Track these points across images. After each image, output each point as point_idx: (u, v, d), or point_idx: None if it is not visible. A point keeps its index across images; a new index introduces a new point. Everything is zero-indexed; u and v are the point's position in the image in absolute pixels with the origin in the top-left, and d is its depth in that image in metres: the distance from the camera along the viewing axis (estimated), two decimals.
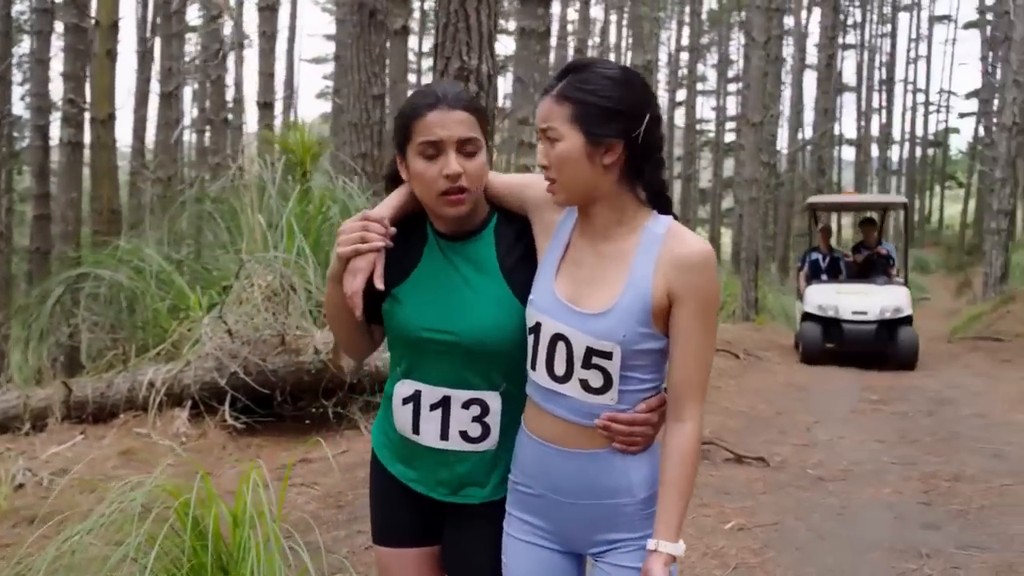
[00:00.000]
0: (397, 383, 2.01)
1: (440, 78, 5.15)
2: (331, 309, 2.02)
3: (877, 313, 10.95)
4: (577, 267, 1.86)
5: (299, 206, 7.44)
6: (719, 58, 43.22)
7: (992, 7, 29.60)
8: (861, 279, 11.86)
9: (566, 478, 1.86)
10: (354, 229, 1.88)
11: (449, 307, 1.94)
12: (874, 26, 44.12)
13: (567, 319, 1.81)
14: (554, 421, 1.85)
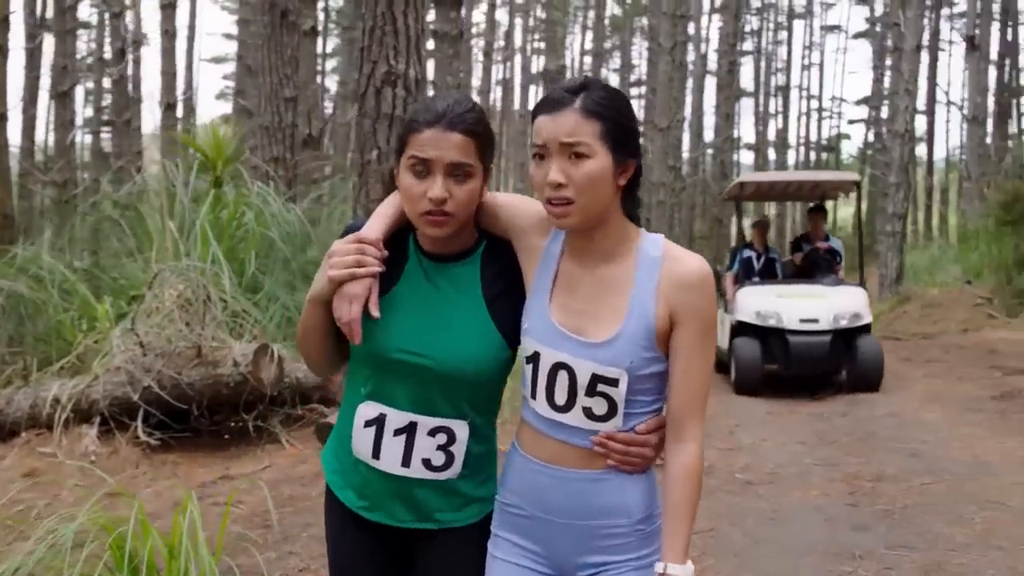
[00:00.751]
0: (360, 404, 1.90)
1: (366, 83, 5.05)
2: (306, 330, 1.93)
3: (831, 321, 8.63)
4: (572, 293, 1.81)
5: (212, 212, 7.19)
6: (622, 63, 43.93)
7: (881, 19, 30.82)
8: (804, 280, 9.71)
9: (561, 498, 1.82)
10: (348, 252, 1.80)
11: (427, 330, 1.86)
12: (770, 34, 45.44)
13: (569, 348, 1.77)
14: (553, 444, 1.82)
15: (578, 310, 1.79)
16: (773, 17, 45.46)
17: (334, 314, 1.82)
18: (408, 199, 1.82)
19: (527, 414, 1.86)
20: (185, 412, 5.95)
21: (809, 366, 8.66)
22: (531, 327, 1.81)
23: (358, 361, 1.92)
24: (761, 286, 9.44)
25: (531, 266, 1.86)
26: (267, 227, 7.25)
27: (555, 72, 11.10)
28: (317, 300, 1.86)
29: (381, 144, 5.01)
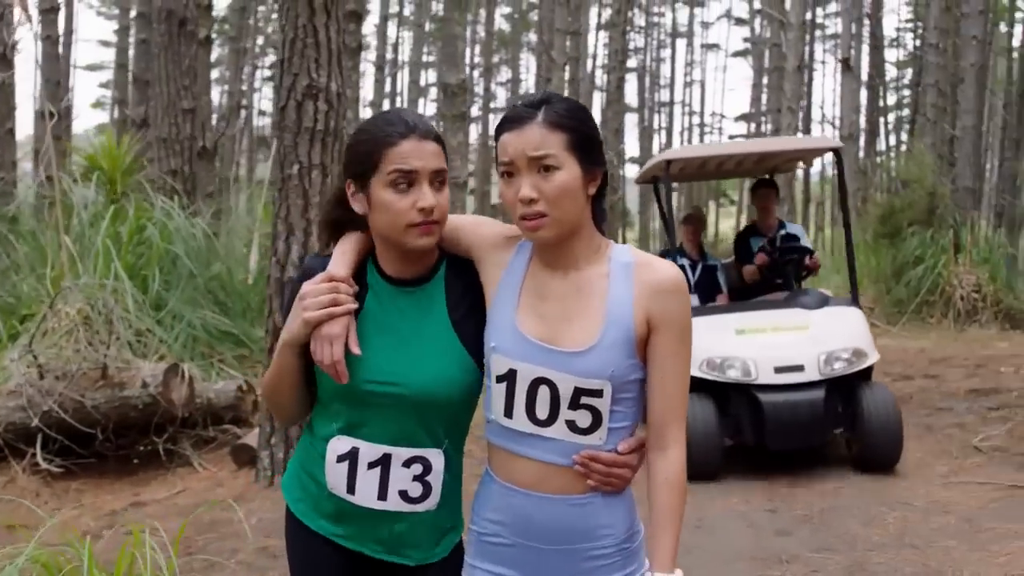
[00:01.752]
0: (331, 439, 1.86)
1: (286, 96, 4.95)
2: (278, 379, 1.88)
3: (821, 365, 5.55)
4: (542, 302, 1.78)
5: (112, 227, 6.90)
6: (511, 77, 44.33)
7: (759, 39, 32.06)
8: (764, 293, 6.70)
9: (546, 524, 1.77)
10: (321, 292, 1.77)
11: (396, 358, 1.82)
12: (654, 51, 46.64)
13: (547, 361, 1.73)
14: (529, 465, 1.77)
15: (548, 316, 1.77)
16: (656, 35, 46.67)
17: (314, 357, 1.78)
18: (390, 215, 1.77)
19: (496, 437, 1.81)
20: (89, 436, 5.69)
21: (793, 437, 5.51)
22: (500, 344, 1.76)
23: (328, 399, 1.88)
24: (709, 316, 5.96)
25: (495, 279, 1.83)
26: (170, 242, 7.01)
27: (456, 86, 11.09)
28: (292, 345, 1.81)
29: (302, 158, 4.91)
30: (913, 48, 34.50)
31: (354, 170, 1.82)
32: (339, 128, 5.01)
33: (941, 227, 13.90)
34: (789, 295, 6.35)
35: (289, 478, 2.00)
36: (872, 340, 5.93)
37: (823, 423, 5.56)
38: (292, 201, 4.94)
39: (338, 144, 5.01)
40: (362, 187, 1.80)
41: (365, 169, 1.79)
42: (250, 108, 30.28)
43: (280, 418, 2.00)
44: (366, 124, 1.87)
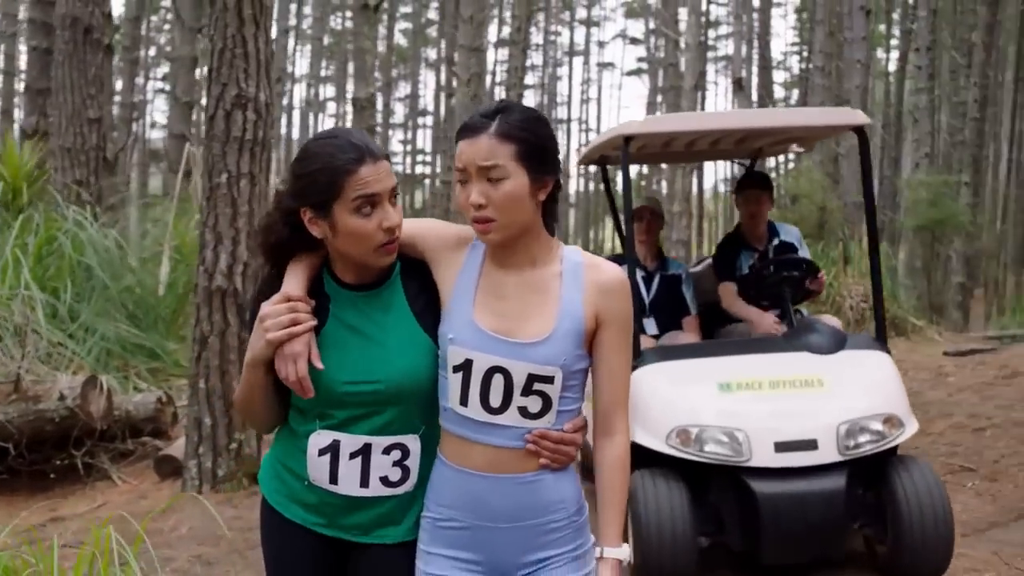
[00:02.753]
0: (312, 434, 1.93)
1: (215, 105, 4.97)
2: (250, 394, 1.96)
3: (840, 439, 3.88)
4: (497, 299, 1.90)
5: (19, 237, 6.72)
6: (409, 92, 44.37)
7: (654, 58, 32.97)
8: (765, 340, 4.69)
9: (501, 504, 1.89)
10: (280, 312, 1.85)
11: (368, 357, 1.90)
12: (551, 69, 47.40)
13: (502, 351, 1.85)
14: (484, 450, 1.88)
15: (505, 313, 1.88)
16: (553, 53, 47.44)
17: (279, 375, 1.86)
18: (358, 239, 1.84)
19: (451, 424, 1.90)
20: (1, 451, 5.54)
21: (800, 544, 3.87)
22: (457, 336, 1.86)
23: (305, 401, 1.92)
24: (676, 361, 4.32)
25: (451, 277, 1.93)
26: (82, 253, 6.86)
27: (365, 100, 11.15)
28: (257, 363, 1.89)
29: (231, 167, 4.92)
30: (799, 70, 36.04)
31: (313, 199, 1.84)
32: (267, 138, 5.05)
33: (830, 241, 14.59)
34: (791, 331, 4.54)
35: (266, 473, 2.06)
36: (907, 400, 4.20)
37: (843, 523, 3.86)
38: (220, 210, 4.95)
39: (265, 154, 5.05)
40: (323, 214, 1.84)
41: (326, 198, 1.82)
42: (142, 120, 29.48)
43: (257, 428, 2.14)
44: (315, 149, 1.87)
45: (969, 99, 17.37)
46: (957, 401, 7.09)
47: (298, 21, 36.57)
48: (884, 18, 28.48)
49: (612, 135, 4.81)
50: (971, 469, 5.52)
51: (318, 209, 1.84)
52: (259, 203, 5.03)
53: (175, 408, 6.13)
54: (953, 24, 23.27)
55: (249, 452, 5.11)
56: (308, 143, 1.91)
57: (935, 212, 15.74)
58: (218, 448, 5.03)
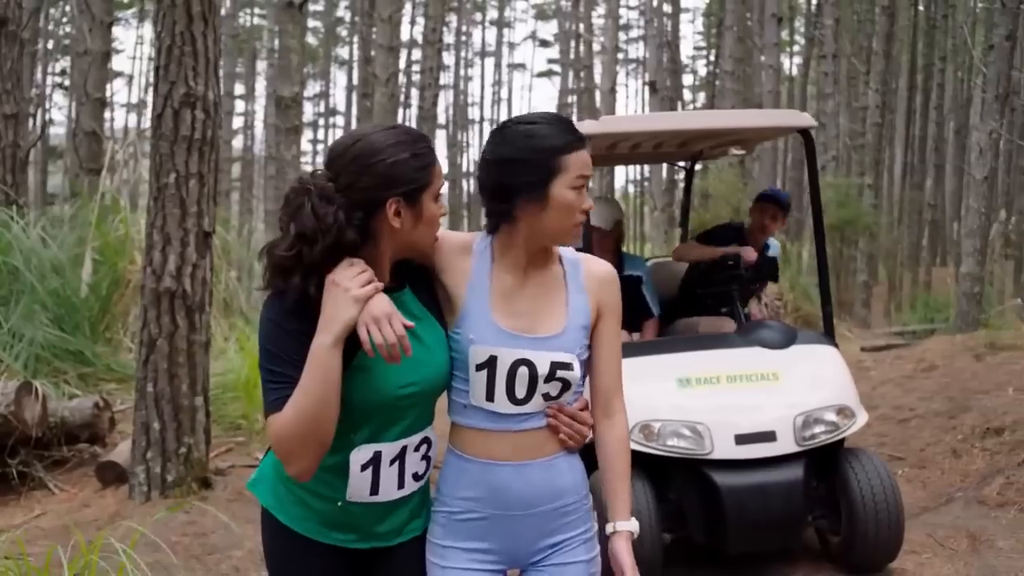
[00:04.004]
0: (353, 451, 1.89)
1: (163, 103, 4.87)
2: (325, 392, 1.75)
3: (796, 430, 4.07)
4: (510, 301, 2.00)
5: None
6: (320, 91, 43.81)
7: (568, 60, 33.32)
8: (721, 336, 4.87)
9: (523, 490, 1.98)
10: (356, 271, 1.79)
11: (409, 359, 1.85)
12: (463, 70, 47.42)
13: (524, 344, 1.96)
14: (509, 438, 1.97)
15: (521, 313, 1.99)
16: (465, 54, 47.48)
17: (374, 341, 1.75)
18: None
19: (473, 420, 1.98)
20: None
21: (763, 533, 4.01)
22: (478, 336, 1.95)
23: (349, 414, 1.84)
24: (637, 358, 4.12)
25: (462, 283, 2.00)
26: (7, 253, 6.61)
27: (290, 99, 11.00)
28: (341, 338, 1.76)
29: (179, 167, 4.83)
30: (705, 74, 36.95)
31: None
32: (215, 137, 4.97)
33: None
34: (743, 328, 4.70)
35: (279, 500, 1.99)
36: (857, 392, 4.39)
37: (802, 513, 4.02)
38: (169, 211, 4.85)
39: (214, 154, 4.97)
40: (413, 201, 1.87)
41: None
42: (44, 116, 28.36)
43: (317, 447, 1.78)
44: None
45: (871, 104, 18.07)
46: (881, 394, 7.43)
47: None
48: (787, 25, 29.42)
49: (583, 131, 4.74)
50: (900, 458, 5.83)
51: (414, 195, 1.85)
52: (208, 203, 4.96)
53: (112, 413, 5.96)
54: (852, 32, 24.20)
55: (198, 456, 5.02)
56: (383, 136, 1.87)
57: (844, 213, 16.35)
58: (167, 453, 4.93)
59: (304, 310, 1.79)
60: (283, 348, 1.80)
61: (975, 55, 21.21)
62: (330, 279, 1.78)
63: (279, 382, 1.79)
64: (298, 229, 1.77)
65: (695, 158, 6.29)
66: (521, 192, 1.94)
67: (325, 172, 1.85)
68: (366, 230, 1.83)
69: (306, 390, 1.75)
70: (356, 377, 1.83)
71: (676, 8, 27.56)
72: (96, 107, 12.85)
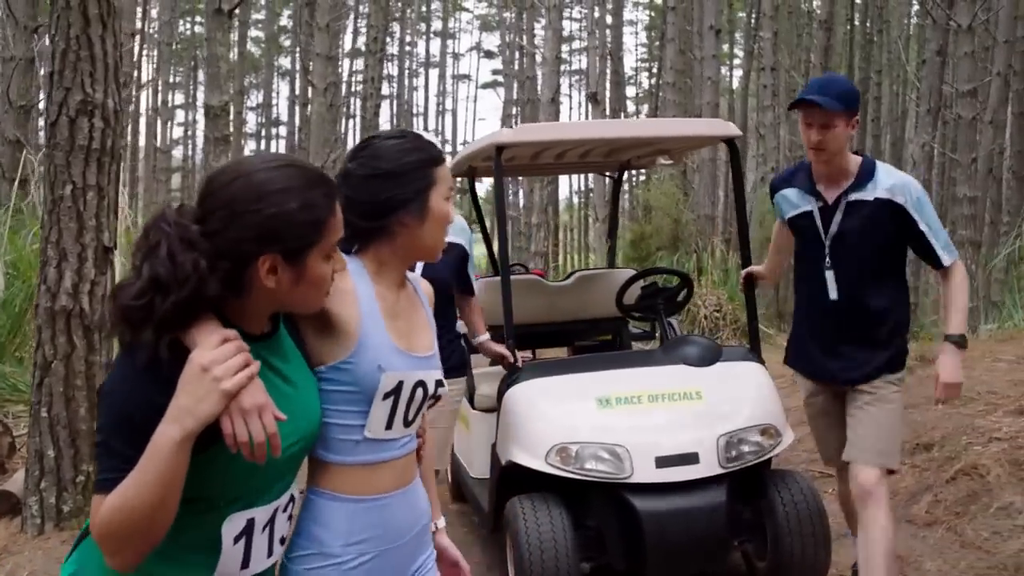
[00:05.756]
0: (224, 523, 1.61)
1: (57, 111, 4.60)
2: (165, 488, 1.44)
3: (720, 451, 3.86)
4: (394, 320, 1.91)
5: None
6: (262, 101, 43.28)
7: (511, 71, 33.29)
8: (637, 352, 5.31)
9: (404, 517, 1.91)
10: (228, 354, 1.48)
11: (290, 412, 1.62)
12: (407, 80, 47.21)
13: (418, 365, 1.90)
14: (393, 467, 1.88)
15: (404, 331, 1.92)
16: (409, 64, 47.29)
17: (234, 440, 1.48)
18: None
19: (366, 455, 1.82)
20: None
21: (685, 559, 3.80)
22: (386, 363, 1.81)
23: (216, 486, 1.59)
24: (552, 377, 4.22)
25: (351, 309, 1.83)
26: None
27: (219, 108, 10.71)
28: (193, 436, 1.45)
29: (76, 178, 4.57)
30: (648, 86, 37.21)
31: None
32: (116, 147, 4.71)
33: (685, 251, 15.05)
34: (666, 344, 4.56)
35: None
36: (783, 410, 4.18)
37: (725, 537, 3.80)
38: (65, 224, 4.58)
39: (115, 164, 4.71)
40: (297, 260, 1.61)
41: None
42: None
43: (142, 546, 1.48)
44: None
45: None
46: None
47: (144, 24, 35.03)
48: (728, 38, 29.73)
49: (483, 144, 4.58)
50: (830, 475, 5.70)
51: (296, 254, 1.59)
52: (108, 217, 4.69)
53: (12, 438, 5.64)
54: (791, 46, 24.49)
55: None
56: (256, 182, 1.56)
57: None
58: (63, 482, 4.64)
59: (156, 374, 1.47)
60: (124, 419, 1.47)
61: (909, 69, 21.60)
62: (194, 359, 1.46)
63: (113, 458, 1.47)
64: (150, 273, 1.47)
65: (622, 168, 6.11)
66: (401, 206, 1.90)
67: (194, 209, 1.58)
68: (235, 280, 1.55)
69: (138, 485, 1.43)
70: (227, 447, 1.54)
71: (619, 20, 27.74)
72: (20, 115, 12.44)
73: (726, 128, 4.56)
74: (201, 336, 1.50)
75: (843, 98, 3.36)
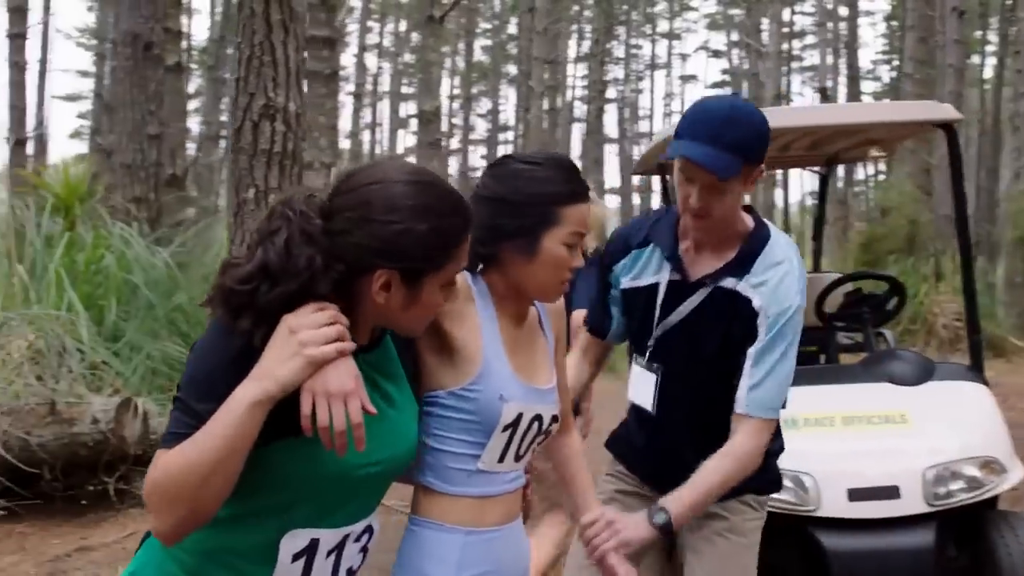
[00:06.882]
0: (285, 536, 1.49)
1: (242, 116, 4.72)
2: (225, 451, 1.32)
3: (926, 486, 3.25)
4: (516, 351, 1.82)
5: (67, 255, 6.64)
6: (490, 108, 44.39)
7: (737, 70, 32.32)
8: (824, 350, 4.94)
9: (512, 554, 1.82)
10: (320, 321, 1.38)
11: (376, 433, 1.50)
12: (633, 82, 46.88)
13: (538, 399, 1.80)
14: (502, 501, 1.79)
15: (524, 364, 1.82)
16: (635, 66, 46.94)
17: (311, 421, 1.36)
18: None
19: (478, 487, 1.75)
20: (35, 476, 5.38)
21: None
22: (508, 393, 1.73)
23: (283, 489, 1.47)
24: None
25: (473, 333, 1.76)
26: (129, 270, 6.74)
27: (431, 113, 10.94)
28: (269, 400, 1.34)
29: (259, 181, 4.68)
30: (889, 80, 34.85)
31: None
32: (297, 151, 4.79)
33: (922, 256, 13.84)
34: (869, 358, 4.06)
35: None
36: (1010, 441, 3.50)
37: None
38: (248, 227, 4.69)
39: (297, 167, 4.78)
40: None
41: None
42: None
43: (186, 514, 1.36)
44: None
45: None
46: None
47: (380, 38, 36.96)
48: (980, 23, 27.23)
49: (664, 136, 4.10)
50: None
51: (415, 276, 1.51)
52: None
53: None
54: None
55: None
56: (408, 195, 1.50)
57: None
58: None
59: (248, 360, 1.37)
60: (210, 386, 1.37)
61: None
62: (285, 319, 1.38)
63: (186, 415, 1.37)
64: (263, 259, 1.40)
65: (829, 163, 5.43)
66: (508, 237, 1.76)
67: (323, 202, 1.50)
68: (346, 285, 1.47)
69: (203, 441, 1.33)
70: (303, 444, 1.42)
71: (854, 12, 26.08)
72: None
73: (941, 111, 3.88)
74: (297, 312, 1.41)
75: (743, 148, 2.12)
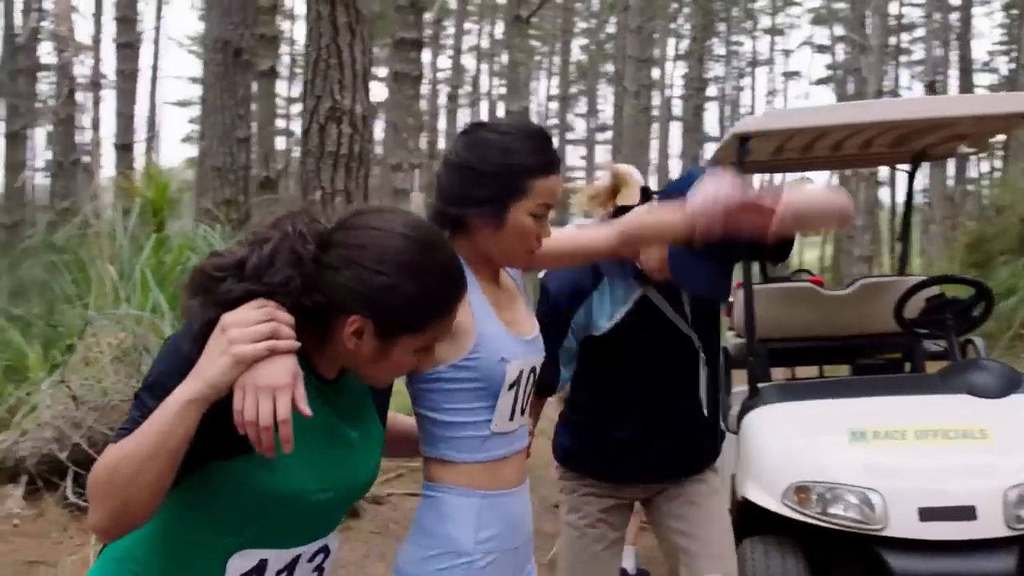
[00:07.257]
0: (232, 555, 1.46)
1: (309, 118, 4.78)
2: (156, 449, 1.28)
3: (1007, 507, 3.01)
4: (501, 309, 1.84)
5: (155, 256, 6.83)
6: (588, 108, 44.22)
7: (841, 65, 31.35)
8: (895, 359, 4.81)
9: (521, 515, 1.83)
10: (254, 319, 1.31)
11: (333, 460, 1.49)
12: (734, 79, 45.99)
13: (531, 351, 1.84)
14: (514, 460, 1.81)
15: (512, 321, 1.85)
16: (736, 63, 46.05)
17: (240, 418, 1.30)
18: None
19: (494, 450, 1.76)
20: None
21: None
22: (510, 352, 1.75)
23: (226, 504, 1.44)
24: (799, 402, 3.69)
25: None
26: None
27: (519, 112, 10.92)
28: (202, 401, 1.29)
29: (325, 183, 4.73)
30: (1008, 72, 33.24)
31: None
32: (364, 153, 4.82)
33: None
34: (949, 368, 3.84)
35: None
36: None
37: None
38: None
39: (363, 169, 4.82)
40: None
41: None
42: None
43: (118, 507, 1.31)
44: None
45: None
46: None
47: (479, 40, 37.25)
48: None
49: (728, 136, 3.97)
50: None
51: (389, 332, 1.51)
52: None
53: None
54: None
55: None
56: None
57: None
58: None
59: (202, 342, 1.35)
60: (163, 384, 1.35)
61: None
62: (223, 317, 1.33)
63: (138, 415, 1.35)
64: (242, 258, 1.39)
65: (916, 159, 5.12)
66: (475, 204, 1.76)
67: (324, 230, 1.47)
68: (322, 317, 1.43)
69: (138, 437, 1.30)
70: (255, 464, 1.38)
71: (967, 1, 24.93)
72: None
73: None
74: (235, 310, 1.36)
75: None
